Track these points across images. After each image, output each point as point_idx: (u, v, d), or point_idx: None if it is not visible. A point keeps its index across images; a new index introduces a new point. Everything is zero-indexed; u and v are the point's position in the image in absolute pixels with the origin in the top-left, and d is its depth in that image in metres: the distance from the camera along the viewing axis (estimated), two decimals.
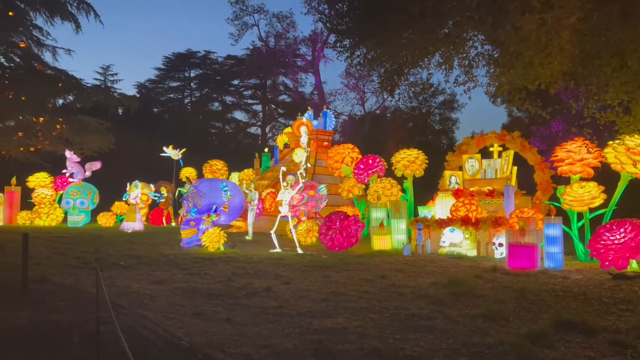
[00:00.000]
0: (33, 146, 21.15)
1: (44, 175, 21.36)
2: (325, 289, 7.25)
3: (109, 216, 20.60)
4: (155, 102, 45.00)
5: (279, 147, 22.52)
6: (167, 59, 45.10)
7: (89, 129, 21.61)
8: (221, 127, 46.99)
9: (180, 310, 5.90)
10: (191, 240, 13.03)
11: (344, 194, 16.81)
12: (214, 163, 23.07)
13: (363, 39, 11.91)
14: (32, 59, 20.79)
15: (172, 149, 23.01)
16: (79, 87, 22.06)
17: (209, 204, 13.30)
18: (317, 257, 11.05)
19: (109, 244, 13.54)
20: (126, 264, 9.68)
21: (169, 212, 22.15)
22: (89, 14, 21.51)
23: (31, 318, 5.67)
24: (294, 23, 37.54)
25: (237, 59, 43.97)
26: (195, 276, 8.41)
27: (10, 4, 18.63)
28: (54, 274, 8.33)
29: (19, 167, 22.03)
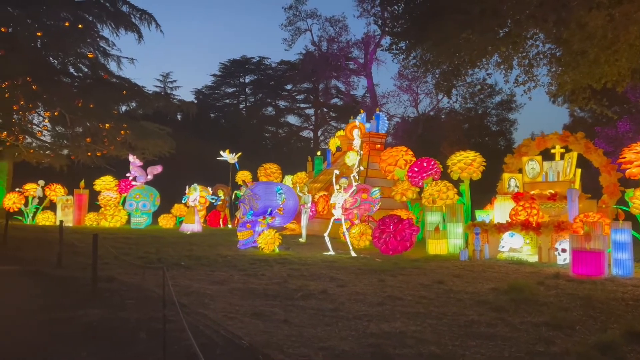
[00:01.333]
0: (100, 151, 22.31)
1: (110, 179, 22.46)
2: (381, 293, 7.21)
3: (169, 218, 21.41)
4: (212, 107, 46.38)
5: (331, 151, 22.61)
6: (223, 65, 46.44)
7: (151, 134, 22.57)
8: (275, 131, 47.77)
9: (239, 310, 6.05)
10: (247, 242, 13.31)
11: (397, 197, 16.65)
12: (268, 166, 23.48)
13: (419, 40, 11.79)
14: (99, 69, 21.98)
15: (229, 153, 23.60)
16: (141, 94, 23.09)
17: (265, 206, 13.54)
18: (371, 261, 11.01)
19: (170, 244, 14.05)
20: (186, 265, 10.02)
21: (225, 214, 22.73)
22: (150, 24, 22.52)
23: (101, 315, 5.97)
24: (346, 26, 37.72)
25: (290, 64, 44.64)
26: (252, 277, 8.60)
27: (80, 18, 19.80)
28: (121, 273, 8.75)
29: (86, 171, 23.31)
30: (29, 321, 5.86)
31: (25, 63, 17.36)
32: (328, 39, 38.38)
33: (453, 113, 37.65)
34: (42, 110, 21.54)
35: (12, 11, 19.70)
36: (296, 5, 37.59)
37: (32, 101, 20.06)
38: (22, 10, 19.25)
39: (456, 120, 36.67)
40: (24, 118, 22.41)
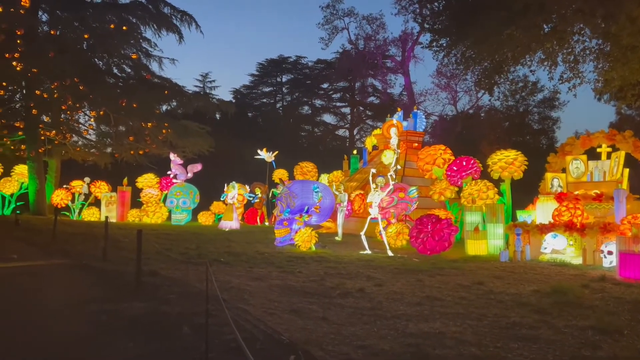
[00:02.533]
0: (142, 149, 22.97)
1: (151, 177, 23.10)
2: (420, 293, 7.16)
3: (208, 215, 21.84)
4: (250, 106, 46.98)
5: (367, 149, 22.53)
6: (260, 65, 46.97)
7: (191, 133, 23.09)
8: (310, 130, 47.98)
9: (278, 307, 6.12)
10: (284, 239, 13.44)
11: (435, 196, 16.43)
12: (304, 165, 23.61)
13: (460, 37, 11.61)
14: (142, 69, 22.64)
15: (266, 152, 23.87)
16: (182, 94, 23.66)
17: (301, 204, 13.64)
18: (408, 260, 10.92)
19: (209, 241, 14.33)
20: (226, 261, 10.20)
21: (262, 211, 23.01)
22: (190, 25, 23.03)
23: (145, 308, 6.15)
24: (383, 24, 37.47)
25: (327, 63, 44.71)
26: (289, 274, 8.68)
27: (124, 20, 20.46)
28: (163, 268, 8.99)
29: (129, 168, 24.06)
30: (78, 312, 6.11)
31: (73, 64, 18.08)
32: (365, 37, 38.22)
33: (493, 111, 36.84)
34: (88, 109, 22.37)
35: (60, 14, 20.54)
36: (333, 4, 37.63)
37: (79, 101, 20.87)
38: (71, 13, 20.03)
39: (496, 119, 35.87)
40: (71, 117, 23.35)
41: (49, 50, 17.21)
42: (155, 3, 21.76)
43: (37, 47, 17.03)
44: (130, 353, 4.64)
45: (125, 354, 4.62)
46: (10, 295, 7.29)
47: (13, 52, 16.30)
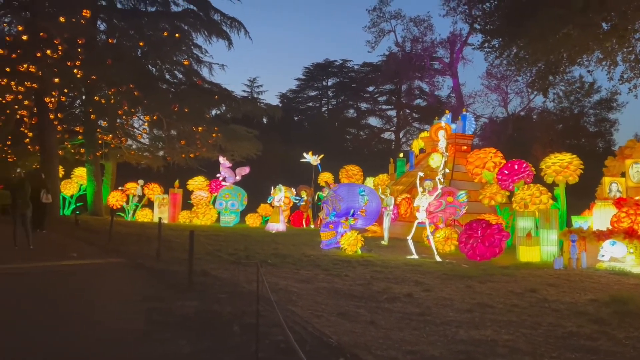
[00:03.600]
0: (193, 153, 23.66)
1: (201, 179, 23.73)
2: (470, 299, 7.00)
3: (255, 217, 22.22)
4: (296, 110, 47.48)
5: (414, 152, 22.26)
6: (306, 69, 47.42)
7: (239, 137, 23.57)
8: (356, 133, 47.94)
9: (326, 309, 6.15)
10: (330, 243, 13.47)
11: (485, 200, 16.04)
12: (350, 168, 23.60)
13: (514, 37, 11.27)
14: (193, 75, 23.33)
15: (311, 155, 24.02)
16: (230, 98, 24.21)
17: (347, 207, 13.62)
18: (457, 266, 10.70)
19: (256, 243, 14.56)
20: (273, 262, 10.34)
21: (308, 214, 23.16)
22: (239, 31, 23.52)
23: (197, 307, 6.33)
24: (431, 26, 37.04)
25: (373, 66, 44.56)
26: (336, 277, 8.69)
27: (177, 27, 21.18)
28: (213, 268, 9.21)
29: (180, 171, 24.82)
30: (134, 309, 6.36)
31: (129, 71, 18.86)
32: (412, 40, 37.86)
33: (546, 113, 35.59)
34: (142, 114, 23.27)
35: (117, 24, 21.50)
36: (380, 7, 37.53)
37: (134, 106, 21.75)
38: (127, 22, 20.93)
39: (549, 121, 34.63)
40: (127, 122, 24.36)
41: (107, 58, 18.04)
42: (206, 10, 22.39)
43: (96, 55, 17.91)
44: (183, 350, 4.78)
45: (178, 350, 4.77)
46: (71, 291, 7.67)
47: (74, 60, 17.20)
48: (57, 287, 7.88)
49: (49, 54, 16.45)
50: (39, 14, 17.14)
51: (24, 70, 16.99)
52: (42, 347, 4.89)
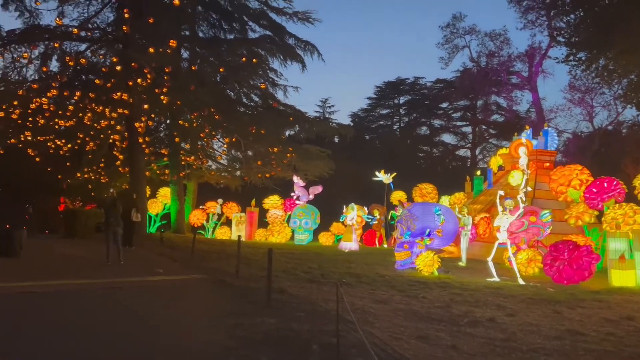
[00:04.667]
0: (268, 173, 24.38)
1: (276, 198, 24.32)
2: (558, 326, 6.60)
3: (328, 236, 22.36)
4: (367, 129, 47.62)
5: (492, 170, 21.50)
6: (378, 88, 47.56)
7: (312, 156, 23.99)
8: (429, 151, 47.16)
9: (404, 332, 6.05)
10: (405, 263, 13.24)
11: (571, 220, 15.11)
12: (424, 186, 23.15)
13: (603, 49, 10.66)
14: (269, 98, 24.14)
15: (384, 173, 23.88)
16: (304, 119, 24.76)
17: (422, 227, 13.37)
18: (542, 290, 10.12)
19: (330, 261, 14.63)
20: (348, 282, 10.34)
21: (381, 233, 22.97)
22: (312, 54, 24.09)
23: (276, 324, 6.46)
24: (507, 40, 35.95)
25: (446, 82, 43.85)
26: (413, 299, 8.53)
27: (254, 53, 22.12)
28: (290, 286, 9.38)
29: (256, 191, 25.60)
30: (217, 324, 6.60)
31: (210, 96, 19.88)
32: (487, 54, 36.90)
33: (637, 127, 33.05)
34: (221, 137, 24.36)
35: (199, 51, 22.81)
36: (453, 23, 37.08)
37: (215, 129, 22.86)
38: (208, 50, 22.17)
39: None
40: (207, 144, 25.62)
41: (190, 84, 19.16)
42: (281, 35, 23.20)
43: (181, 82, 19.07)
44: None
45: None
46: (158, 305, 8.10)
47: (162, 88, 18.44)
48: (145, 301, 8.36)
49: (139, 82, 17.78)
50: (131, 45, 18.61)
51: (117, 98, 18.46)
52: (131, 357, 5.20)
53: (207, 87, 20.38)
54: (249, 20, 23.91)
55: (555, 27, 30.05)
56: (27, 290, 8.40)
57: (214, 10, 24.14)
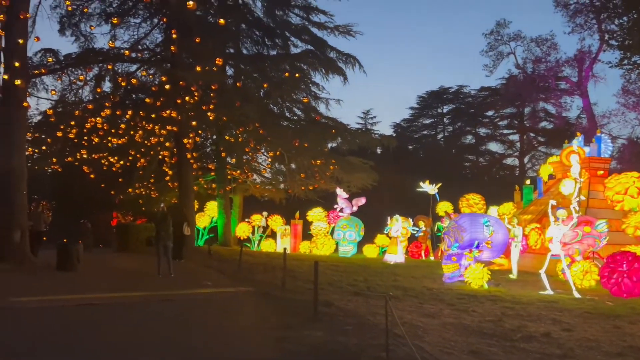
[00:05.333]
0: (312, 185, 24.55)
1: (320, 210, 24.42)
2: (620, 342, 6.28)
3: (373, 248, 22.20)
4: (411, 139, 47.19)
5: (542, 179, 20.80)
6: (420, 97, 47.16)
7: (355, 168, 24.00)
8: (475, 160, 46.21)
9: (455, 347, 5.92)
10: (453, 276, 12.95)
11: (629, 230, 14.39)
12: (470, 197, 22.65)
13: None
14: (311, 111, 24.41)
15: (428, 184, 23.56)
16: (346, 131, 24.86)
17: (471, 239, 13.06)
18: (600, 304, 9.67)
19: (375, 274, 14.51)
20: (394, 295, 10.22)
21: (427, 245, 22.59)
22: (354, 66, 24.20)
23: (324, 337, 6.46)
24: (555, 45, 34.88)
25: (491, 90, 43.00)
26: (463, 313, 8.34)
27: (297, 68, 22.46)
28: (336, 298, 9.36)
29: (300, 203, 25.80)
30: (265, 337, 6.68)
31: (254, 111, 20.31)
32: (534, 60, 35.93)
33: None
34: (266, 150, 24.79)
35: (243, 68, 23.37)
36: (497, 30, 36.45)
37: (259, 143, 23.30)
38: (252, 66, 22.69)
39: None
40: (252, 158, 26.13)
41: (235, 100, 19.65)
42: (323, 49, 23.47)
43: (226, 98, 19.59)
44: None
45: None
46: (208, 317, 8.28)
47: (208, 104, 19.01)
48: (195, 313, 8.56)
49: (187, 100, 18.40)
50: (178, 65, 19.32)
51: (166, 116, 19.16)
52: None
53: (251, 102, 20.81)
54: (291, 36, 24.36)
55: (606, 29, 28.98)
56: (86, 303, 8.78)
57: (257, 28, 24.74)
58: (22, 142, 14.43)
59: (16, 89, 13.90)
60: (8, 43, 14.23)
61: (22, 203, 14.12)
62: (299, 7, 24.43)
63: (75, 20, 20.41)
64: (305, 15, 24.39)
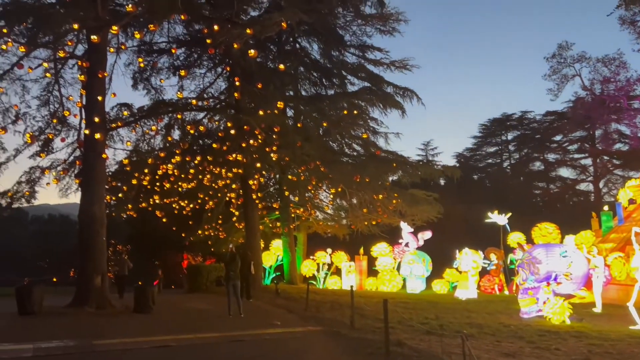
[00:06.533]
0: (374, 220, 24.35)
1: (384, 245, 24.10)
2: None
3: (442, 283, 21.52)
4: (474, 169, 46.08)
5: (621, 204, 19.55)
6: (482, 126, 46.28)
7: (419, 201, 23.62)
8: (545, 187, 44.21)
9: None
10: (531, 311, 12.31)
11: None
12: (543, 226, 21.54)
13: None
14: (371, 146, 24.50)
15: (498, 214, 22.72)
16: (407, 164, 24.61)
17: (547, 271, 12.43)
18: None
19: (447, 311, 14.00)
20: (469, 333, 9.79)
21: (500, 279, 21.61)
22: (412, 99, 24.16)
23: None
24: (624, 63, 33.43)
25: (558, 114, 41.52)
26: (545, 351, 7.85)
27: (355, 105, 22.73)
28: (407, 338, 9.11)
29: (364, 238, 25.61)
30: None
31: (315, 150, 20.69)
32: (602, 81, 34.47)
33: None
34: (327, 187, 25.00)
35: (303, 108, 23.98)
36: (560, 53, 35.40)
37: (320, 181, 23.58)
38: (311, 107, 23.24)
39: None
40: (315, 195, 26.42)
41: (296, 140, 20.13)
42: (380, 84, 23.66)
43: (288, 139, 20.11)
44: None
45: None
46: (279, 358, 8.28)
47: (271, 146, 19.59)
48: (266, 354, 8.61)
49: (251, 143, 19.07)
50: (242, 110, 20.14)
51: (232, 159, 19.91)
52: None
53: (311, 141, 21.23)
54: (347, 75, 24.83)
55: None
56: (162, 345, 9.07)
57: (315, 69, 25.46)
58: (102, 191, 15.45)
59: (96, 142, 15.02)
60: (89, 101, 15.50)
61: (102, 249, 14.99)
62: (354, 47, 24.99)
63: (146, 75, 21.92)
64: (360, 54, 24.89)
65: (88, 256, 14.48)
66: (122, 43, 18.29)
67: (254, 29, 13.71)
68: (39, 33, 13.80)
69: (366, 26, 24.48)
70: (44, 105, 17.93)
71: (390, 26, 23.76)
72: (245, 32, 13.63)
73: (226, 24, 14.34)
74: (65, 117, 17.74)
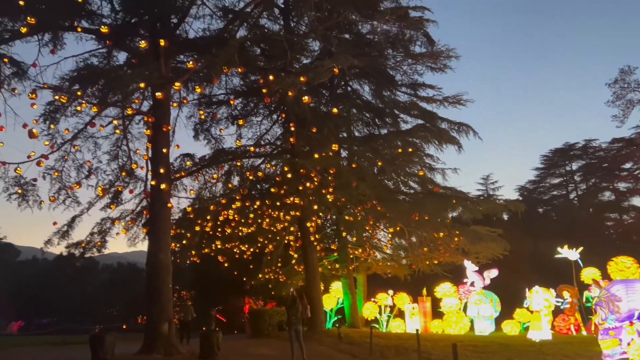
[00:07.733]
0: (436, 259, 23.68)
1: (449, 285, 23.29)
2: None
3: (513, 324, 20.40)
4: (539, 202, 44.25)
5: None
6: (544, 157, 44.63)
7: (482, 237, 22.81)
8: (618, 218, 41.55)
9: None
10: (614, 353, 11.34)
11: None
12: (620, 260, 20.17)
13: None
14: (428, 183, 24.13)
15: (568, 249, 21.53)
16: (467, 200, 23.97)
17: (629, 309, 11.48)
18: None
19: (520, 354, 13.24)
20: None
21: (576, 318, 20.22)
22: (468, 133, 23.76)
23: None
24: None
25: (626, 140, 39.42)
26: None
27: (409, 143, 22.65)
28: None
29: (426, 278, 24.87)
30: None
31: (371, 189, 20.65)
32: None
33: None
34: (385, 226, 24.72)
35: (357, 149, 24.17)
36: (622, 78, 33.93)
37: (378, 220, 23.39)
38: (364, 147, 23.37)
39: None
40: (373, 235, 26.16)
41: (352, 180, 20.22)
42: (433, 121, 23.47)
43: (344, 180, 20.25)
44: None
45: None
46: None
47: (327, 188, 19.81)
48: None
49: (308, 185, 19.38)
50: (298, 154, 20.60)
51: (290, 202, 20.27)
52: None
53: (367, 180, 21.23)
54: (400, 113, 24.87)
55: None
56: None
57: (367, 110, 25.72)
58: (168, 239, 16.06)
59: (162, 192, 15.75)
60: (154, 153, 16.40)
61: (169, 296, 15.43)
62: (406, 86, 25.11)
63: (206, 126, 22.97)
64: (412, 92, 24.95)
65: (155, 303, 14.92)
66: (184, 97, 19.42)
67: (307, 77, 14.17)
68: (109, 93, 14.90)
69: (417, 65, 24.57)
70: (113, 159, 19.17)
71: (441, 63, 23.73)
72: (298, 80, 14.11)
73: (280, 73, 14.94)
74: (133, 170, 18.85)
